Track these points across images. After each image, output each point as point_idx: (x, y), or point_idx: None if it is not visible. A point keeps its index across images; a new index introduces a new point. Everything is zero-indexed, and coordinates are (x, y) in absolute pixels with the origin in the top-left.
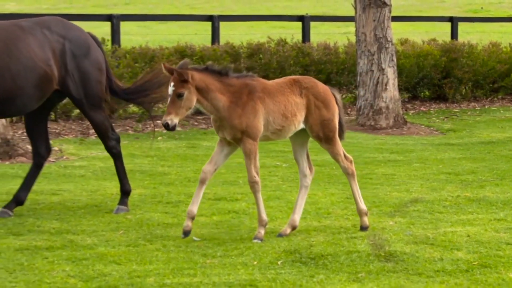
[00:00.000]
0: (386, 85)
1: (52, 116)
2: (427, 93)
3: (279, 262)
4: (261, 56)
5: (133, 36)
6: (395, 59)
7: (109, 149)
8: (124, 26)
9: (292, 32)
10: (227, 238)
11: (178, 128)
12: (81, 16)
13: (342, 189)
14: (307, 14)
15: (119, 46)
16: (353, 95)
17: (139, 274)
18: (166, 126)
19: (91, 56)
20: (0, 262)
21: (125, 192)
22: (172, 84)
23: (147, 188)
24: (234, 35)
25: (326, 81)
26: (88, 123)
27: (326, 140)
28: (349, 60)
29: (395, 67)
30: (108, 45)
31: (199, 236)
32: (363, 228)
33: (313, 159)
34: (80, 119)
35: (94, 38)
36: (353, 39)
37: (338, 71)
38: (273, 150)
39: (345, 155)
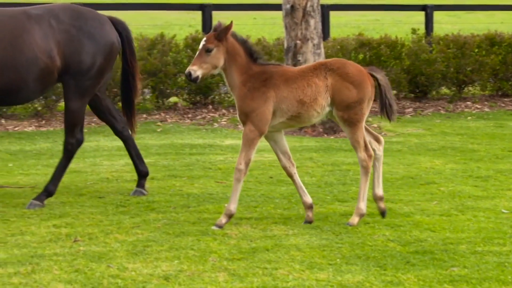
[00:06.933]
0: None
1: None
2: None
3: None
4: None
5: (444, 24)
6: None
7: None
8: (437, 15)
9: None
10: None
11: (485, 109)
12: (395, 6)
13: None
14: None
15: (432, 33)
16: None
17: (452, 241)
18: (188, 76)
19: (99, 43)
20: (327, 225)
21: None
22: (205, 38)
23: (458, 163)
24: None
25: None
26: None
27: (349, 123)
28: None
29: None
30: (420, 33)
31: (507, 209)
32: (350, 224)
33: None
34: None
35: (116, 23)
36: None
37: None
38: None
39: (366, 147)
